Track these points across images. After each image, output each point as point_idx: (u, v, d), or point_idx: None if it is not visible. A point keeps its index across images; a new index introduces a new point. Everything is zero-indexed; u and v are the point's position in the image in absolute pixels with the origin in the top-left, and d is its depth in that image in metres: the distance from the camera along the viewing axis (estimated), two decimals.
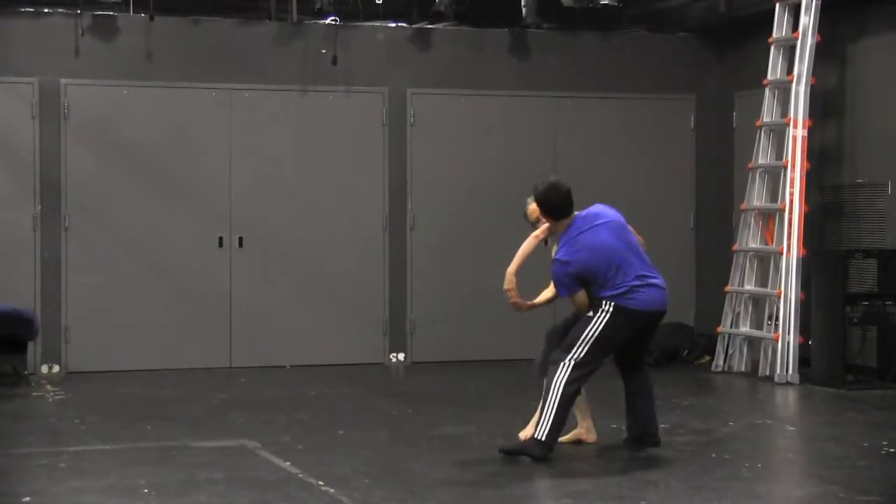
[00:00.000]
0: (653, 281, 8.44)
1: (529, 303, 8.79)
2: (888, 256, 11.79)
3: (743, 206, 12.92)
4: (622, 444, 8.82)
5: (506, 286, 8.57)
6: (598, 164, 13.84)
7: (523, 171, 13.37)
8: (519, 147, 13.74)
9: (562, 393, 8.23)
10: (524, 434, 8.64)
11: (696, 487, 7.55)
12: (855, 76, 12.65)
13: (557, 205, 8.39)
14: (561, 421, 8.27)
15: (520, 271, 8.57)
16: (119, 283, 12.80)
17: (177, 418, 10.10)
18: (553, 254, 8.58)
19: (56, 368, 12.63)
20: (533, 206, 8.71)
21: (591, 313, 8.34)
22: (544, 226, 8.62)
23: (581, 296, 8.36)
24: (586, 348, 8.29)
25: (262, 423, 9.81)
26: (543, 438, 8.24)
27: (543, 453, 8.23)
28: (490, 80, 13.69)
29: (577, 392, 8.39)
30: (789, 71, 12.50)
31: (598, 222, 8.43)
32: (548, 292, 8.85)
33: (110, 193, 12.79)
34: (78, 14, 12.63)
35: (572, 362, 8.27)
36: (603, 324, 8.30)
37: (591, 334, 8.30)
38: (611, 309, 8.31)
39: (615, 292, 8.31)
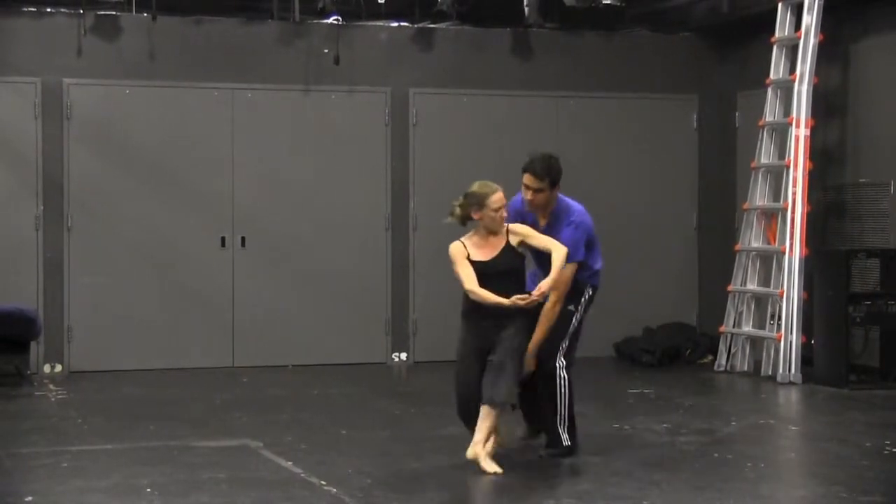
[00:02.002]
0: None
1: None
2: (891, 256, 11.78)
3: (745, 206, 12.91)
4: (621, 445, 8.81)
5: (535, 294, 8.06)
6: (600, 164, 13.83)
7: None
8: (521, 147, 13.55)
9: (568, 395, 8.36)
10: (479, 454, 8.00)
11: (699, 487, 7.55)
12: (858, 76, 12.64)
13: (560, 172, 8.67)
14: (574, 418, 8.40)
15: None
16: (121, 282, 12.80)
17: (179, 418, 10.10)
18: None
19: (58, 368, 12.63)
20: (499, 195, 8.35)
21: (570, 306, 8.40)
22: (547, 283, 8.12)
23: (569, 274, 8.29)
24: (568, 341, 8.40)
25: (265, 423, 9.81)
26: (572, 443, 8.39)
27: (575, 450, 8.40)
28: (492, 79, 13.68)
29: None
30: (792, 70, 12.50)
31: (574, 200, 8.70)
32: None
33: (113, 193, 12.79)
34: (80, 14, 12.63)
35: (563, 361, 8.36)
36: (583, 310, 8.47)
37: (574, 325, 8.42)
38: (591, 293, 8.50)
39: (598, 270, 8.50)
